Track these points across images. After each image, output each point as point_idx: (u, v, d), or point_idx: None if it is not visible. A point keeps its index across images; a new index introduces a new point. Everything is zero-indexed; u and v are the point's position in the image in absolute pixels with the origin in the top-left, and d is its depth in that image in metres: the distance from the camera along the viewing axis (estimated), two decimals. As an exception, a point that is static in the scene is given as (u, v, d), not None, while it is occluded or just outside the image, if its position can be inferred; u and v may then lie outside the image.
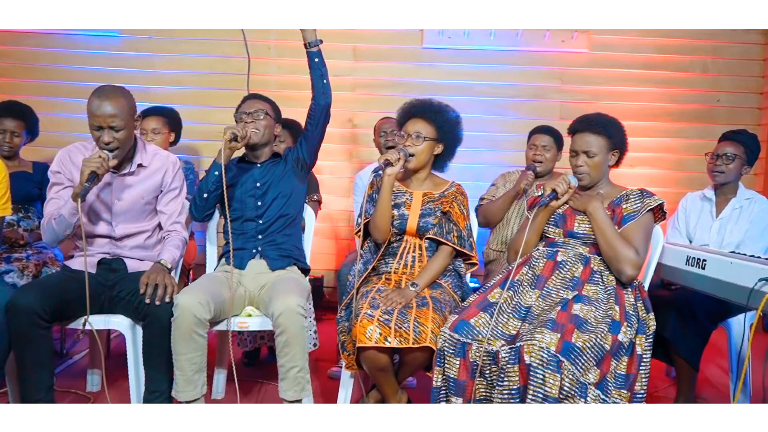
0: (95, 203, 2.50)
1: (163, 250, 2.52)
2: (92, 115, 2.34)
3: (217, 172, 2.45)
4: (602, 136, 2.31)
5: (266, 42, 4.28)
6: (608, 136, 2.32)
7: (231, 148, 2.49)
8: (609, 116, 2.39)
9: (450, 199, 2.58)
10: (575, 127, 2.37)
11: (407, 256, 2.56)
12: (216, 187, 2.49)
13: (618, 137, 2.35)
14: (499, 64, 4.30)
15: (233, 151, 2.52)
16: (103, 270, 2.50)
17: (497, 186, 3.37)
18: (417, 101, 2.59)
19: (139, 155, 2.54)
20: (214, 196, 2.55)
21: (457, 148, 2.63)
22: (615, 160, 2.38)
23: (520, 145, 4.15)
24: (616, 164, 2.41)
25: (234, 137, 2.46)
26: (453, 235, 2.52)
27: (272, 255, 2.60)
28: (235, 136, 2.46)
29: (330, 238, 4.41)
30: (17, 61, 4.37)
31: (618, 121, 2.39)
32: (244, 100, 2.72)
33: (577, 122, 2.38)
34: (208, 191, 2.55)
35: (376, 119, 3.77)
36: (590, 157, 2.31)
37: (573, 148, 2.35)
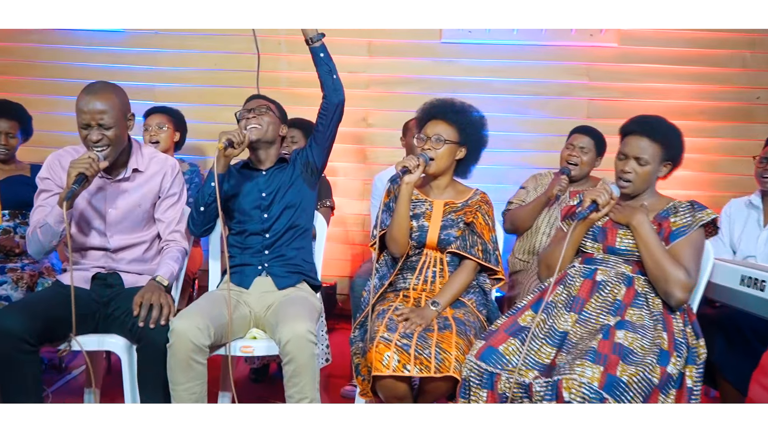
0: (88, 212, 2.31)
1: (160, 264, 2.32)
2: (80, 111, 2.16)
3: (214, 183, 2.24)
4: (659, 144, 2.07)
5: (276, 37, 4.07)
6: (666, 146, 2.07)
7: (227, 155, 2.28)
8: (670, 123, 2.14)
9: (474, 209, 2.36)
10: (631, 128, 2.12)
11: (427, 272, 2.34)
12: (214, 200, 2.27)
13: (676, 149, 2.11)
14: (523, 60, 4.06)
15: (230, 159, 2.31)
16: (97, 285, 2.31)
17: (527, 189, 3.13)
18: (437, 101, 2.37)
19: (134, 159, 2.35)
20: (212, 210, 2.33)
21: (481, 151, 2.41)
22: (665, 173, 2.14)
23: (544, 145, 4.01)
24: (664, 177, 2.17)
25: (229, 144, 2.24)
26: (477, 248, 2.30)
27: (279, 272, 2.39)
28: (230, 143, 2.24)
29: (343, 243, 4.21)
30: (17, 58, 4.21)
31: (679, 131, 2.14)
32: (248, 100, 2.54)
33: (634, 123, 2.13)
34: (205, 204, 2.34)
35: (392, 118, 3.57)
36: (641, 164, 2.07)
37: (623, 151, 2.10)
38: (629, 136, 2.12)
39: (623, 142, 2.14)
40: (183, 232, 2.43)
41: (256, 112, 2.43)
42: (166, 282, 2.24)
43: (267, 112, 2.44)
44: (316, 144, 2.47)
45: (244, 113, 2.45)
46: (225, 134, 2.25)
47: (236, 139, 2.26)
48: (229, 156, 2.28)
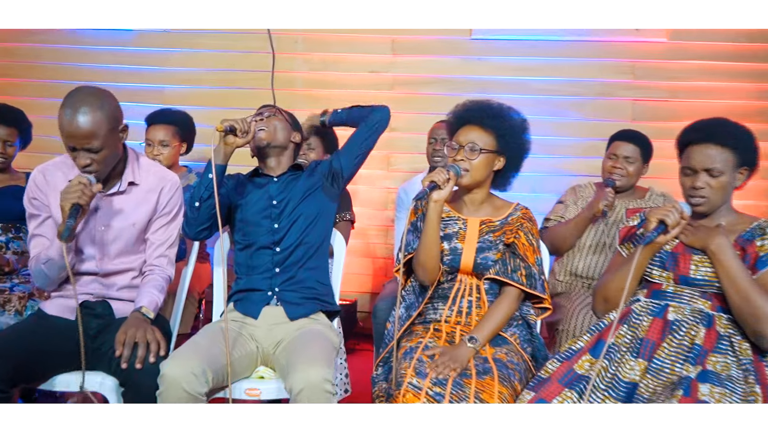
0: None
1: (142, 292, 2.03)
2: (63, 133, 1.89)
3: (211, 174, 1.95)
4: (729, 148, 1.73)
5: (293, 34, 3.79)
6: (737, 149, 1.74)
7: (227, 144, 1.99)
8: (734, 122, 1.81)
9: (515, 227, 2.04)
10: (692, 137, 1.79)
11: (461, 301, 2.02)
12: (210, 194, 1.97)
13: (750, 151, 1.77)
14: (560, 57, 3.73)
15: (232, 149, 2.01)
16: (84, 315, 2.01)
17: (566, 203, 2.79)
18: (470, 103, 2.06)
19: (130, 170, 2.07)
20: (208, 206, 2.01)
21: (522, 161, 2.10)
22: (742, 181, 1.80)
23: (584, 150, 3.68)
24: (740, 187, 1.82)
25: (230, 129, 1.95)
26: (520, 273, 1.98)
27: (292, 298, 2.08)
28: (232, 129, 1.95)
29: (365, 257, 3.92)
30: (18, 59, 4.01)
31: (746, 129, 1.80)
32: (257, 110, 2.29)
33: (694, 130, 1.80)
34: (201, 199, 2.03)
35: (417, 121, 3.28)
36: (713, 176, 1.73)
37: (689, 165, 1.76)
38: (692, 146, 1.79)
39: (686, 155, 1.81)
40: (171, 258, 2.14)
41: (265, 115, 2.16)
42: (152, 314, 1.96)
43: (276, 116, 2.16)
44: (348, 152, 2.24)
45: (252, 119, 2.17)
46: (227, 120, 1.98)
47: (239, 127, 1.97)
48: (230, 145, 2.00)
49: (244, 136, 1.99)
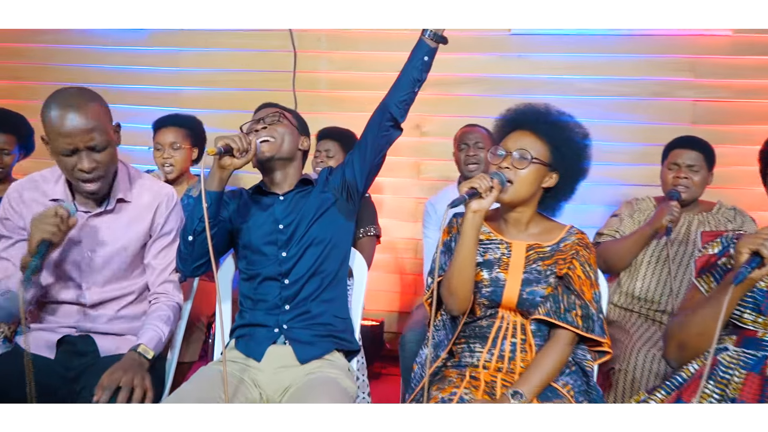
0: (58, 257, 1.78)
1: (144, 326, 1.76)
2: (59, 134, 1.61)
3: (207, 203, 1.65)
4: None
5: (316, 32, 3.51)
6: None
7: (223, 167, 1.69)
8: None
9: (569, 256, 1.70)
10: None
11: (503, 343, 1.69)
12: (204, 227, 1.66)
13: None
14: (610, 53, 3.36)
15: (229, 172, 1.71)
16: (64, 353, 1.77)
17: (621, 217, 2.46)
18: (525, 106, 1.75)
19: (119, 185, 1.80)
20: (203, 240, 1.69)
21: (578, 183, 1.77)
22: None
23: (638, 157, 3.31)
24: None
25: (225, 150, 1.65)
26: (575, 313, 1.64)
27: (303, 336, 1.78)
28: (227, 149, 1.65)
29: (393, 273, 3.60)
30: (28, 61, 3.82)
31: None
32: (257, 111, 1.98)
33: None
34: (194, 232, 1.74)
35: (450, 125, 2.98)
36: None
37: None
38: None
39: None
40: (177, 283, 1.87)
41: (267, 121, 1.85)
42: (151, 354, 1.68)
43: (281, 121, 1.86)
44: (360, 159, 1.88)
45: (252, 125, 1.88)
46: (222, 138, 1.67)
47: (237, 146, 1.66)
48: (227, 168, 1.69)
49: (243, 156, 1.69)
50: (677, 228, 2.37)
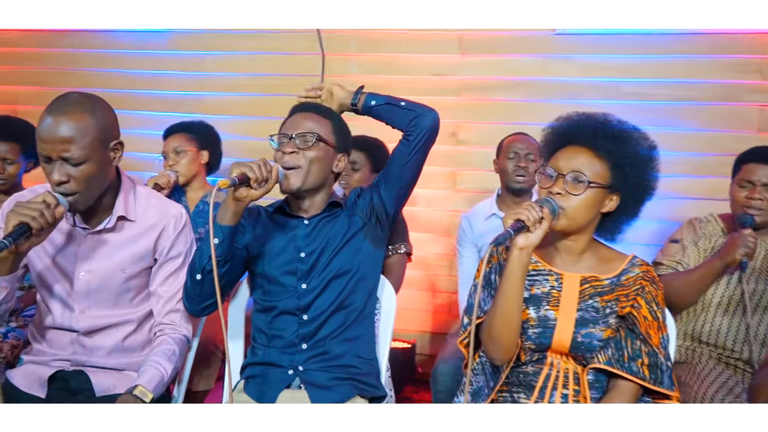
0: (52, 276, 1.63)
1: (146, 364, 1.56)
2: (38, 138, 1.48)
3: (217, 239, 1.46)
4: None
5: (345, 33, 3.32)
6: None
7: (238, 199, 1.49)
8: None
9: (632, 292, 1.45)
10: None
11: (553, 394, 1.45)
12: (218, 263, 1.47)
13: None
14: (666, 54, 3.08)
15: (244, 204, 1.51)
16: (56, 391, 1.59)
17: (683, 245, 2.14)
18: (579, 117, 1.52)
19: (122, 202, 1.62)
20: (212, 280, 1.47)
21: (644, 204, 1.52)
22: None
23: (699, 168, 3.02)
24: None
25: (242, 181, 1.45)
26: (640, 362, 1.39)
27: (320, 380, 1.56)
28: (244, 179, 1.45)
29: (425, 290, 3.38)
30: (53, 66, 3.74)
31: None
32: (291, 113, 1.73)
33: None
34: (203, 270, 1.54)
35: (488, 133, 2.77)
36: None
37: None
38: None
39: None
40: (185, 313, 1.67)
41: (299, 143, 1.62)
42: (149, 397, 1.49)
43: (315, 144, 1.62)
44: (389, 180, 1.67)
45: (282, 138, 1.66)
46: (239, 166, 1.47)
47: (255, 176, 1.46)
48: (242, 200, 1.49)
49: (261, 186, 1.49)
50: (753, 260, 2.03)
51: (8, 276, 1.45)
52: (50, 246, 1.62)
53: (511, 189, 2.55)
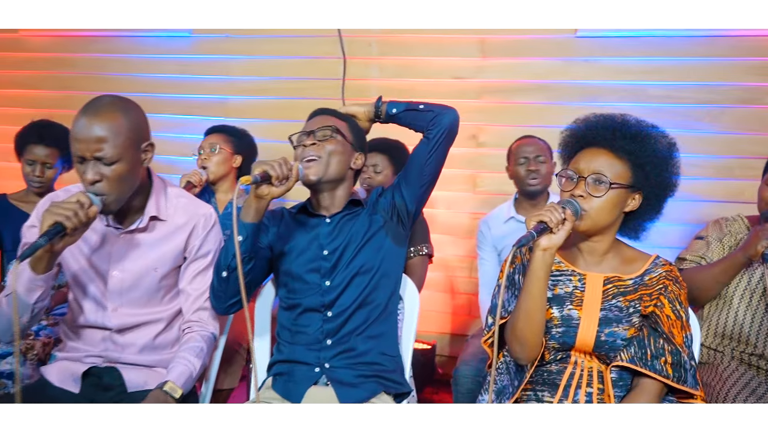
0: (85, 275, 1.67)
1: (175, 361, 1.61)
2: (73, 138, 1.51)
3: (242, 236, 1.50)
4: None
5: (366, 37, 3.34)
6: None
7: (260, 196, 1.53)
8: None
9: (655, 291, 1.46)
10: None
11: (577, 392, 1.46)
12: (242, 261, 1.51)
13: None
14: (687, 57, 3.05)
15: (266, 202, 1.55)
16: (89, 387, 1.63)
17: (708, 241, 2.16)
18: (598, 119, 1.53)
19: (154, 203, 1.67)
20: (237, 277, 1.51)
21: (666, 201, 1.53)
22: None
23: (719, 170, 3.00)
24: None
25: (263, 178, 1.49)
26: (664, 360, 1.40)
27: (346, 378, 1.59)
28: (266, 177, 1.49)
29: (445, 292, 3.38)
30: (80, 71, 3.79)
31: None
32: (310, 117, 1.79)
33: None
34: (228, 268, 1.58)
35: (509, 135, 2.74)
36: None
37: None
38: None
39: None
40: (213, 311, 1.71)
41: (318, 136, 1.67)
42: (179, 392, 1.52)
43: (332, 137, 1.67)
44: (409, 182, 1.70)
45: (301, 136, 1.71)
46: (260, 164, 1.51)
47: (276, 173, 1.50)
48: (264, 198, 1.54)
49: (282, 184, 1.53)
50: None
51: (44, 275, 1.49)
52: (85, 246, 1.66)
53: (525, 193, 2.54)
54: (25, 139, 2.61)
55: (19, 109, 3.83)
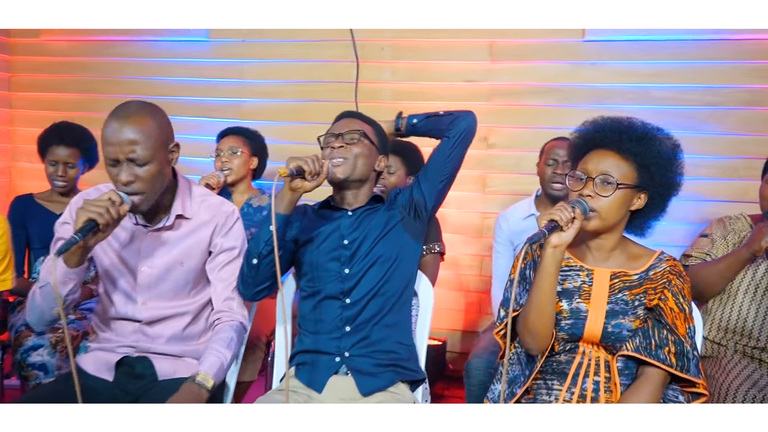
0: (116, 270, 1.76)
1: (206, 352, 1.69)
2: (105, 142, 1.60)
3: (272, 226, 1.59)
4: None
5: (379, 41, 3.41)
6: None
7: (294, 189, 1.62)
8: None
9: (659, 285, 1.54)
10: None
11: (585, 381, 1.54)
12: (270, 250, 1.61)
13: None
14: (691, 60, 3.11)
15: (299, 195, 1.65)
16: (122, 375, 1.72)
17: (713, 239, 2.24)
18: (605, 122, 1.60)
19: (180, 202, 1.76)
20: (268, 263, 1.66)
21: (670, 199, 1.61)
22: None
23: (726, 171, 3.06)
24: None
25: (298, 172, 1.59)
26: (667, 350, 1.48)
27: (365, 366, 1.68)
28: (299, 171, 1.59)
29: (456, 290, 3.45)
30: (99, 74, 3.88)
31: None
32: (337, 119, 1.88)
33: None
34: (259, 255, 1.67)
35: (518, 137, 2.81)
36: None
37: None
38: None
39: None
40: (241, 299, 1.80)
41: (346, 139, 1.76)
42: (211, 383, 1.61)
43: (359, 141, 1.77)
44: (428, 178, 1.81)
45: (329, 138, 1.80)
46: (295, 159, 1.60)
47: (309, 168, 1.60)
48: (297, 191, 1.63)
49: (314, 179, 1.62)
50: None
51: (76, 268, 1.57)
52: (115, 242, 1.75)
53: (547, 195, 2.55)
54: (47, 140, 2.71)
55: (40, 112, 3.93)
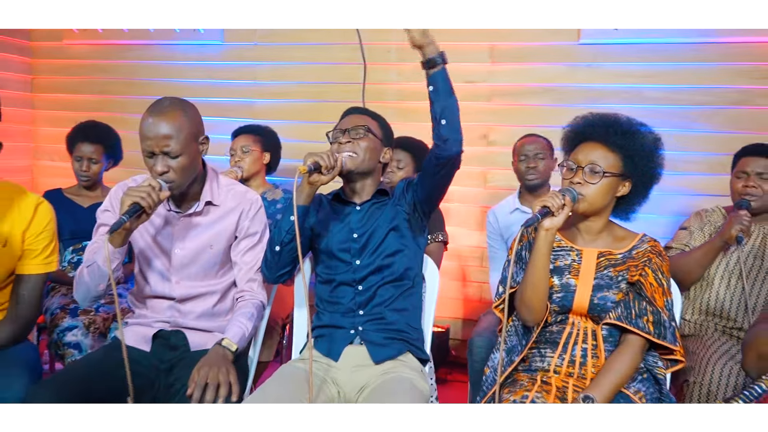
0: (151, 252, 1.94)
1: (231, 322, 1.88)
2: (142, 137, 1.78)
3: (293, 216, 1.76)
4: None
5: (385, 44, 3.59)
6: None
7: (312, 183, 1.79)
8: None
9: (641, 263, 1.72)
10: None
11: (574, 348, 1.72)
12: (293, 238, 1.78)
13: None
14: (683, 62, 3.28)
15: (316, 188, 1.82)
16: (159, 346, 1.91)
17: (691, 230, 2.42)
18: (593, 117, 1.77)
19: (209, 190, 1.94)
20: (289, 250, 1.85)
21: (652, 187, 1.78)
22: None
23: (713, 166, 3.23)
24: None
25: (315, 167, 1.76)
26: (646, 319, 1.65)
27: (377, 338, 1.86)
28: (317, 167, 1.76)
29: (457, 280, 3.63)
30: (117, 76, 4.07)
31: None
32: (343, 115, 2.05)
33: None
34: (282, 243, 1.85)
35: (517, 135, 2.97)
36: None
37: None
38: None
39: None
40: (261, 282, 1.98)
41: (352, 134, 1.93)
42: (234, 347, 1.79)
43: (365, 135, 1.93)
44: (422, 187, 1.91)
45: (337, 134, 1.97)
46: (312, 155, 1.77)
47: (325, 163, 1.77)
48: (315, 184, 1.80)
49: (329, 173, 1.79)
50: (751, 241, 2.31)
51: (119, 248, 1.74)
52: (151, 227, 1.94)
53: (526, 186, 2.78)
54: (73, 138, 2.89)
55: (61, 112, 4.12)
